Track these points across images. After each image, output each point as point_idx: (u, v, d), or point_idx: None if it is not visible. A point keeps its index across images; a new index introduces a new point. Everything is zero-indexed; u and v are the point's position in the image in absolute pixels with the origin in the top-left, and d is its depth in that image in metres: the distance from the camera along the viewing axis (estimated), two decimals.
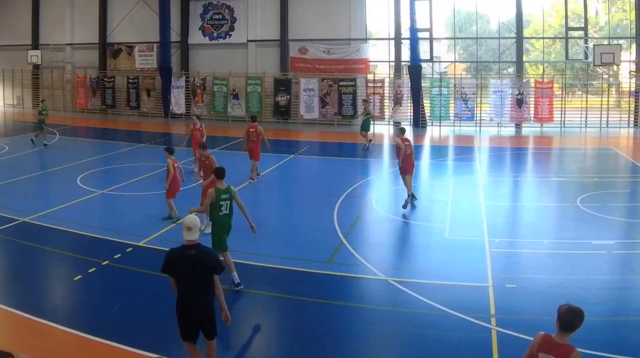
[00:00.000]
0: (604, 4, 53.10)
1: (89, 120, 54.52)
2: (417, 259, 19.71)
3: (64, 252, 19.74)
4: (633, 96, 49.56)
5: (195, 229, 11.17)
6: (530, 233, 21.78)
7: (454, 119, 50.05)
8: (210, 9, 54.82)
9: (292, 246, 20.19)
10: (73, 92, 59.68)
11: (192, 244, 11.21)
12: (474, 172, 33.01)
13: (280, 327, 15.00)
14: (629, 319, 14.94)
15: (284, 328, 14.85)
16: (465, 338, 13.89)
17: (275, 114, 52.10)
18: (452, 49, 55.41)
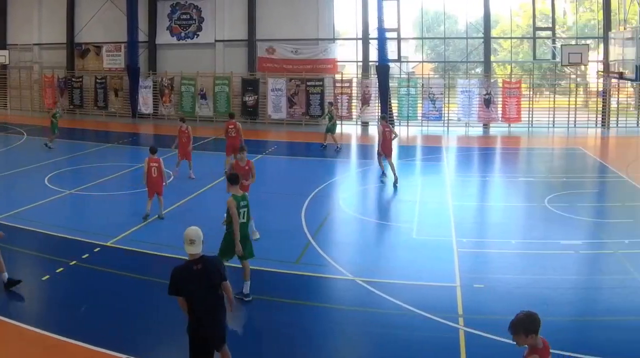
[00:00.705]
0: (571, 4, 53.41)
1: None
2: (385, 259, 19.70)
3: (31, 252, 19.68)
4: (601, 96, 49.84)
5: (198, 241, 10.84)
6: (498, 233, 21.92)
7: (422, 119, 49.96)
8: (178, 9, 54.58)
9: (260, 246, 19.78)
10: (41, 92, 59.16)
11: (197, 258, 10.84)
12: (442, 172, 33.16)
13: (248, 327, 14.98)
14: (596, 319, 15.08)
15: (252, 328, 14.88)
16: (432, 338, 13.99)
17: (243, 114, 51.61)
18: (420, 49, 55.51)
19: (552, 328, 13.91)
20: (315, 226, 22.12)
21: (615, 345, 13.50)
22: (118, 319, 14.70)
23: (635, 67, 37.91)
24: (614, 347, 13.41)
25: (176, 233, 15.92)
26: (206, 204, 25.74)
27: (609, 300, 16.10)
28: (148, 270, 16.34)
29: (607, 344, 13.56)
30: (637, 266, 18.18)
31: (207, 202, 26.05)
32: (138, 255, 18.63)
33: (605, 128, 48.90)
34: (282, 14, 51.79)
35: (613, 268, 18.28)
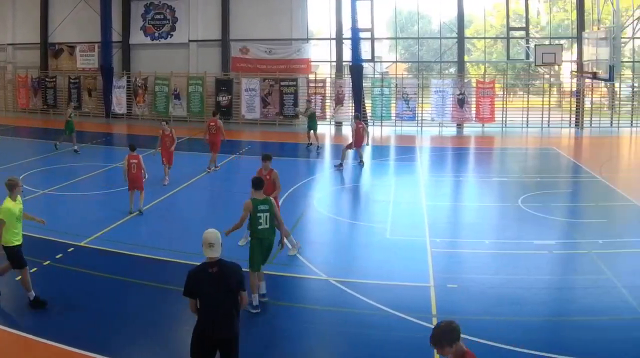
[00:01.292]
0: (545, 4, 53.61)
1: (30, 120, 53.87)
2: (359, 259, 19.67)
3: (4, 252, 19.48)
4: (574, 96, 50.13)
5: (217, 245, 10.61)
6: (472, 233, 21.93)
7: (396, 119, 50.06)
8: (152, 9, 54.38)
9: (234, 246, 19.93)
10: (14, 92, 58.75)
11: (214, 261, 10.60)
12: (416, 172, 33.19)
13: None
14: (569, 319, 15.12)
15: None
16: (406, 338, 13.95)
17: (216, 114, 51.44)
18: (394, 49, 55.49)
19: (526, 328, 14.07)
20: (289, 226, 21.77)
21: (588, 345, 13.52)
22: (92, 319, 14.59)
23: (609, 67, 38.15)
24: (587, 347, 13.43)
25: (150, 233, 15.90)
26: (180, 204, 25.67)
27: (582, 300, 16.13)
28: (122, 270, 16.27)
29: (580, 344, 13.58)
30: (611, 266, 18.22)
31: (181, 202, 25.97)
32: (112, 255, 18.54)
33: (579, 128, 49.16)
34: (255, 14, 51.75)
35: (586, 268, 18.33)
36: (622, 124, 49.65)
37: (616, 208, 25.76)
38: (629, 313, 15.04)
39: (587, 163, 35.50)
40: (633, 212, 25.03)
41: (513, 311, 15.45)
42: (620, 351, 13.28)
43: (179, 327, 14.33)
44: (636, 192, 28.13)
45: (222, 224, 21.54)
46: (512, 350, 13.22)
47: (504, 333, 14.05)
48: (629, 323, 14.47)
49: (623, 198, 26.92)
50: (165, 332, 14.07)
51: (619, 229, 22.76)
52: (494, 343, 13.49)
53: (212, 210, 25.73)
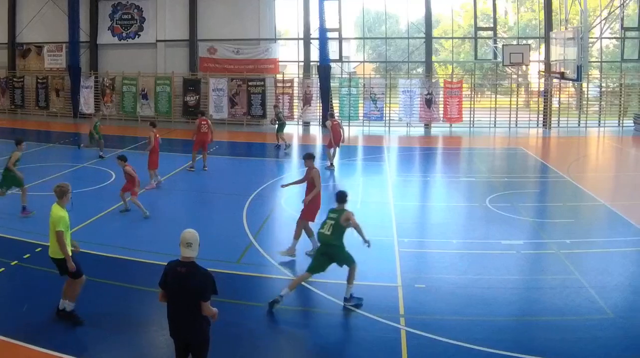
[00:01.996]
0: (513, 4, 54.07)
1: None
2: None
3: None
4: (542, 96, 50.53)
5: (194, 246, 10.64)
6: (440, 233, 21.91)
7: (363, 119, 50.23)
8: (119, 9, 54.25)
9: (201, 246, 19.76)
10: None
11: (186, 261, 10.58)
12: (383, 172, 33.16)
13: None
14: (537, 319, 15.13)
15: None
16: (374, 338, 13.94)
17: (184, 114, 51.80)
18: (361, 49, 55.73)
19: (493, 329, 14.09)
20: (257, 226, 22.02)
21: (556, 345, 13.56)
22: (59, 319, 14.44)
23: (577, 67, 38.31)
24: (554, 347, 13.47)
25: (118, 233, 15.73)
26: (149, 204, 25.51)
27: (550, 300, 16.15)
28: (90, 269, 16.09)
29: (548, 344, 13.62)
30: (578, 266, 18.31)
31: (151, 202, 25.81)
32: (79, 255, 18.32)
33: (546, 128, 49.53)
34: (223, 14, 51.79)
35: (554, 268, 18.39)
36: (589, 124, 50.06)
37: (584, 208, 25.83)
38: (596, 313, 15.09)
39: (555, 163, 35.75)
40: (601, 211, 25.13)
41: (481, 311, 15.46)
42: (587, 351, 13.33)
43: (148, 328, 14.34)
44: (604, 191, 28.41)
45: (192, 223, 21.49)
46: (480, 350, 13.23)
47: (471, 333, 14.08)
48: (597, 323, 14.50)
49: (591, 198, 27.01)
50: (134, 332, 13.99)
51: (587, 229, 22.89)
52: (462, 343, 13.50)
53: (182, 209, 25.65)
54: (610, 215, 24.42)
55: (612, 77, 53.02)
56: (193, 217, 24.03)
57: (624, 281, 17.30)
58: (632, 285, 17.00)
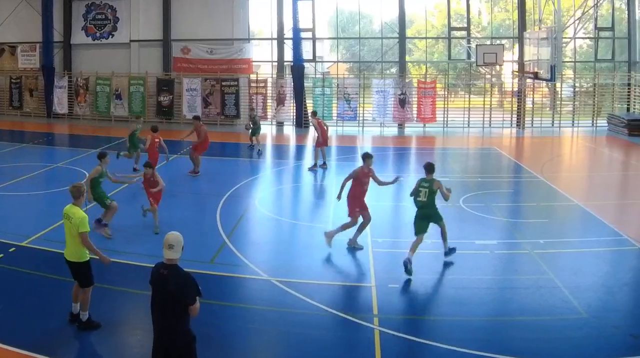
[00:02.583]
0: (486, 4, 54.07)
1: None
2: (300, 259, 19.60)
3: None
4: (515, 96, 50.50)
5: (176, 248, 10.56)
6: (413, 233, 21.86)
7: (337, 119, 50.09)
8: (93, 9, 53.99)
9: None
10: None
11: (168, 263, 10.53)
12: None
13: None
14: (511, 319, 15.17)
15: None
16: (348, 338, 14.05)
17: (158, 114, 51.58)
18: (335, 49, 55.68)
19: (467, 329, 14.16)
20: (231, 226, 21.98)
21: (530, 345, 13.61)
22: (34, 319, 14.45)
23: (550, 67, 38.48)
24: (528, 347, 13.52)
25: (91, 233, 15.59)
26: (123, 203, 25.41)
27: (524, 300, 16.24)
28: (64, 270, 16.02)
29: (521, 344, 13.68)
30: (552, 266, 18.37)
31: (124, 201, 25.71)
32: (54, 255, 18.28)
33: (520, 128, 49.59)
34: (197, 14, 51.65)
35: (528, 268, 18.45)
36: (563, 124, 50.25)
37: (557, 208, 25.92)
38: (570, 313, 15.15)
39: (529, 163, 35.82)
40: (574, 211, 25.21)
41: (455, 311, 15.51)
42: (561, 350, 13.41)
43: (120, 328, 14.37)
44: (577, 191, 28.51)
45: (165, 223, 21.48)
46: (454, 350, 13.26)
47: (445, 333, 14.16)
48: (571, 323, 14.57)
49: (564, 198, 27.09)
50: (106, 333, 13.95)
51: (561, 229, 22.97)
52: (436, 343, 13.56)
53: None
54: (584, 215, 24.49)
55: (585, 77, 53.25)
56: (166, 217, 23.82)
57: (598, 281, 17.36)
58: (606, 285, 17.05)
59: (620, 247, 20.33)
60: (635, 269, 18.70)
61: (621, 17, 51.69)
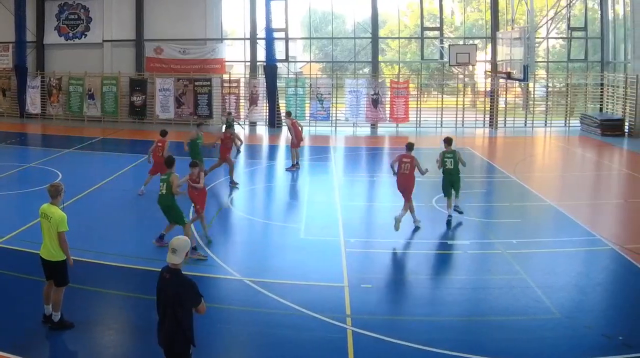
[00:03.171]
0: (459, 4, 54.24)
1: None
2: (273, 259, 19.60)
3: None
4: (488, 96, 50.84)
5: (179, 252, 10.45)
6: (386, 233, 21.79)
7: (310, 119, 50.07)
8: (66, 9, 53.81)
9: (147, 246, 20.04)
10: None
11: (172, 267, 10.48)
12: (330, 172, 33.40)
13: (134, 328, 14.77)
14: (483, 319, 15.21)
15: (139, 328, 14.59)
16: (321, 338, 13.98)
17: (130, 114, 51.64)
18: (308, 49, 56.10)
19: (440, 328, 14.22)
20: (200, 225, 21.78)
21: (503, 345, 13.67)
22: (6, 319, 14.38)
23: (523, 67, 38.61)
24: (501, 347, 13.58)
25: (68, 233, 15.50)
26: (96, 204, 25.31)
27: (497, 300, 16.28)
28: (37, 270, 15.90)
29: (494, 344, 13.73)
30: (525, 266, 18.41)
31: (97, 202, 25.61)
32: (27, 255, 18.21)
33: (493, 128, 49.98)
34: (170, 14, 51.57)
35: (501, 268, 18.48)
36: (536, 124, 50.51)
37: (530, 208, 26.02)
38: (543, 313, 15.18)
39: (501, 163, 35.99)
40: (547, 211, 25.30)
41: (428, 311, 15.59)
42: (534, 350, 13.44)
43: (90, 327, 14.29)
44: (550, 191, 28.58)
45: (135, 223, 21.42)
46: (427, 350, 13.27)
47: (418, 333, 14.15)
48: (543, 323, 14.59)
49: (537, 198, 27.18)
50: (79, 333, 13.89)
51: (533, 229, 23.04)
52: (409, 343, 13.55)
53: (126, 209, 25.43)
54: (557, 215, 24.57)
55: (558, 77, 53.54)
56: (138, 217, 24.10)
57: (570, 281, 17.42)
58: (579, 285, 17.12)
59: (593, 247, 20.39)
60: (608, 269, 18.78)
61: (594, 17, 52.00)
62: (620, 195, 29.07)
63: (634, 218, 24.58)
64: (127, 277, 17.70)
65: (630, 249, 19.75)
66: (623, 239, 20.93)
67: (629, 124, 45.37)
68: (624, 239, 20.94)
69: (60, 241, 13.75)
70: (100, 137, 40.95)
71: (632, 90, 44.50)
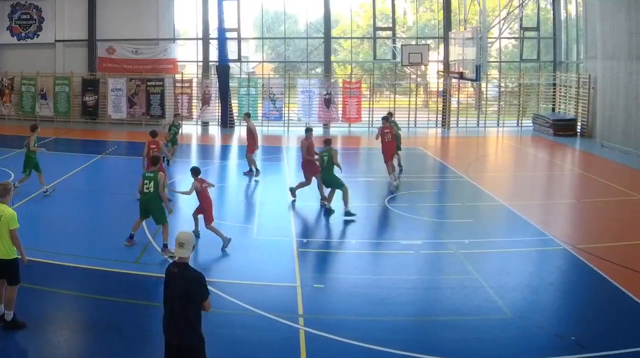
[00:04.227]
0: (412, 4, 54.49)
1: None
2: (226, 259, 19.65)
3: None
4: (441, 96, 51.03)
5: (187, 246, 10.42)
6: (338, 233, 22.07)
7: (262, 119, 50.00)
8: (18, 9, 53.36)
9: (100, 246, 19.99)
10: None
11: (180, 262, 10.46)
12: (282, 172, 33.48)
13: (87, 327, 14.64)
14: (436, 319, 15.33)
15: (91, 328, 14.52)
16: (273, 338, 14.02)
17: (83, 114, 51.41)
18: (260, 49, 55.70)
19: (393, 328, 14.26)
20: (156, 226, 21.50)
21: (456, 345, 13.73)
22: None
23: (476, 67, 38.77)
24: (454, 347, 13.64)
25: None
26: (47, 203, 25.09)
27: (449, 299, 16.33)
28: None
29: (447, 343, 13.80)
30: (477, 266, 18.50)
31: (49, 201, 25.43)
32: None
33: (445, 128, 50.14)
34: (122, 14, 51.34)
35: (453, 268, 18.56)
36: (488, 124, 50.92)
37: (482, 208, 26.12)
38: (495, 313, 15.29)
39: (454, 163, 36.16)
40: (499, 211, 25.48)
41: (380, 311, 15.60)
42: (486, 350, 13.57)
43: (45, 327, 14.18)
44: (502, 191, 28.80)
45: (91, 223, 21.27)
46: (380, 349, 13.31)
47: (371, 333, 14.18)
48: (496, 323, 14.70)
49: (489, 198, 27.36)
50: (31, 332, 13.82)
51: (486, 229, 23.14)
52: (361, 343, 13.58)
53: (81, 210, 25.23)
54: (509, 215, 24.74)
55: (511, 77, 53.96)
56: (91, 217, 23.96)
57: (523, 281, 17.55)
58: (531, 285, 17.25)
59: (545, 247, 20.57)
60: (561, 269, 18.96)
61: (546, 17, 52.50)
62: (572, 195, 29.40)
63: (586, 218, 24.81)
64: (80, 277, 17.58)
65: (582, 249, 19.92)
66: (575, 239, 21.09)
67: (581, 123, 45.75)
68: (576, 239, 21.10)
69: (13, 239, 13.69)
70: (52, 137, 40.61)
71: (584, 90, 44.84)
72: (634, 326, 14.60)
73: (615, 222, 23.91)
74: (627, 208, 25.94)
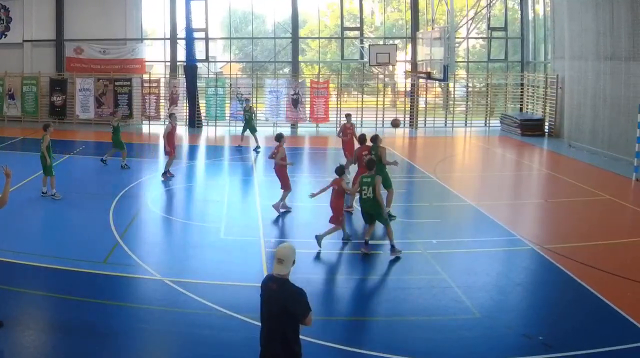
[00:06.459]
0: (379, 4, 54.49)
1: None
2: (193, 259, 19.61)
3: None
4: (408, 96, 51.26)
5: (286, 262, 10.05)
6: (306, 233, 21.75)
7: (230, 119, 50.16)
8: None
9: (67, 246, 19.85)
10: None
11: (278, 277, 10.03)
12: (250, 172, 33.47)
13: (55, 327, 14.57)
14: (404, 319, 15.29)
15: (59, 328, 14.45)
16: (241, 338, 14.00)
17: (51, 114, 50.98)
18: (228, 49, 55.72)
19: (360, 328, 14.30)
20: (124, 226, 21.78)
21: (423, 345, 13.79)
22: None
23: (443, 67, 38.84)
24: (421, 347, 13.70)
25: None
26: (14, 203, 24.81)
27: (417, 300, 16.37)
28: None
29: (414, 344, 13.84)
30: (445, 266, 18.54)
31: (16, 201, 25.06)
32: None
33: (413, 128, 50.27)
34: (90, 14, 51.18)
35: (421, 268, 18.57)
36: (456, 124, 51.22)
37: (450, 208, 26.20)
38: (463, 313, 15.32)
39: (422, 163, 36.25)
40: (467, 211, 25.52)
41: (348, 311, 15.82)
42: (454, 350, 13.59)
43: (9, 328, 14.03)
44: (470, 191, 28.91)
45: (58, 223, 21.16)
46: (348, 349, 13.39)
47: (339, 332, 14.32)
48: (463, 323, 14.74)
49: (457, 198, 27.42)
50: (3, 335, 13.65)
51: (453, 229, 23.18)
52: (329, 343, 13.63)
53: (47, 210, 25.08)
54: (477, 215, 24.79)
55: (478, 77, 54.30)
56: (58, 217, 23.82)
57: (490, 281, 17.61)
58: (498, 285, 17.32)
59: (512, 247, 20.62)
60: (528, 269, 19.01)
61: (514, 17, 52.79)
62: (540, 195, 29.57)
63: (554, 218, 24.86)
64: (46, 277, 17.51)
65: (550, 249, 19.98)
66: (543, 239, 21.16)
67: (549, 124, 46.11)
68: (543, 239, 21.18)
69: None
70: (20, 137, 40.39)
71: (552, 90, 45.20)
72: (601, 326, 14.66)
73: (582, 222, 24.07)
74: (595, 208, 26.10)
